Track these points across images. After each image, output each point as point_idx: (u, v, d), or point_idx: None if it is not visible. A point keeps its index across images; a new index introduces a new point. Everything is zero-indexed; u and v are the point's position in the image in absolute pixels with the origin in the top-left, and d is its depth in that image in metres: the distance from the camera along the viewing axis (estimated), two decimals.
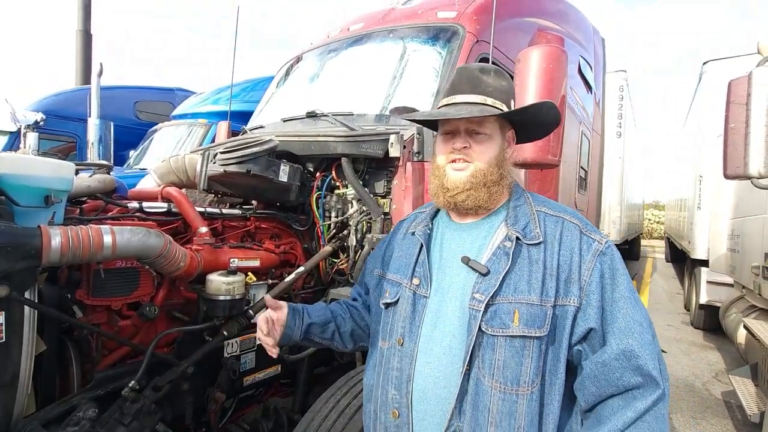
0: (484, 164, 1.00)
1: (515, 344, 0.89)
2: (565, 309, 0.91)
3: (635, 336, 0.86)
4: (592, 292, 0.91)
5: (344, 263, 2.12)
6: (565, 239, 0.96)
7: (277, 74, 3.21)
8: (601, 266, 0.93)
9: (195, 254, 1.62)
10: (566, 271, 0.93)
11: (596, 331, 0.89)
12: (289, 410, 1.95)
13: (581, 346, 0.91)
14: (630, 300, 0.90)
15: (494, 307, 0.92)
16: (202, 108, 5.63)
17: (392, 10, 2.73)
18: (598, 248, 0.94)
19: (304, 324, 1.15)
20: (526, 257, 0.95)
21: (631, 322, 0.87)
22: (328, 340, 1.20)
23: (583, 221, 1.00)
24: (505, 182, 1.04)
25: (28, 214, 1.23)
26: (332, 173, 2.18)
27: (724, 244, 4.66)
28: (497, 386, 0.89)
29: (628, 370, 0.84)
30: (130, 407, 1.34)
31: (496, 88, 1.03)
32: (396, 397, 0.98)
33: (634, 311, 0.89)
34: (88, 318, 1.47)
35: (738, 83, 2.01)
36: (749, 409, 2.97)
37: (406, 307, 1.03)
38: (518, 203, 1.04)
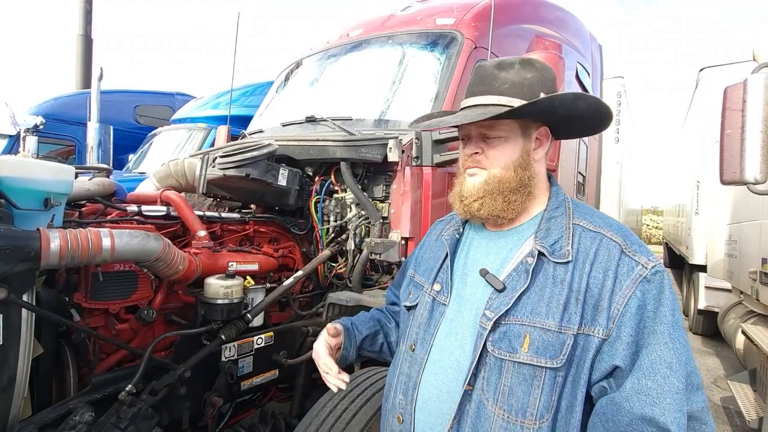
0: (499, 170, 0.92)
1: (524, 372, 0.80)
2: (589, 340, 0.79)
3: (658, 379, 0.73)
4: (625, 324, 0.77)
5: (343, 267, 2.13)
6: (599, 259, 0.83)
7: (276, 79, 3.23)
8: (642, 295, 0.78)
9: (193, 258, 1.62)
10: (595, 296, 0.80)
11: (623, 370, 0.76)
12: (286, 415, 1.94)
13: (606, 383, 0.79)
14: (665, 336, 0.75)
15: (504, 328, 0.83)
16: (201, 112, 5.65)
17: (391, 17, 2.75)
18: (641, 273, 0.80)
19: (357, 341, 1.11)
20: (550, 276, 0.84)
21: (657, 362, 0.73)
22: (377, 352, 1.16)
23: (629, 239, 0.85)
24: (530, 189, 0.93)
25: (27, 216, 1.23)
26: (331, 177, 2.19)
27: (722, 249, 4.67)
28: (501, 413, 0.81)
29: (638, 417, 0.72)
30: (127, 411, 1.34)
31: (515, 83, 0.92)
32: (402, 403, 0.95)
33: (664, 350, 0.74)
34: (85, 321, 1.47)
35: (734, 90, 2.03)
36: (748, 415, 2.96)
37: (423, 312, 0.99)
38: (554, 214, 0.92)
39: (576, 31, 3.62)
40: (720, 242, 4.76)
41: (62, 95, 6.50)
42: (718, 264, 4.91)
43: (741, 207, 4.05)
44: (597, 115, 0.95)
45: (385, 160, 1.96)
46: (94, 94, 3.79)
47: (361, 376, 1.67)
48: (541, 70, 0.94)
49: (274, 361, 1.92)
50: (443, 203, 2.08)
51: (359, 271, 1.99)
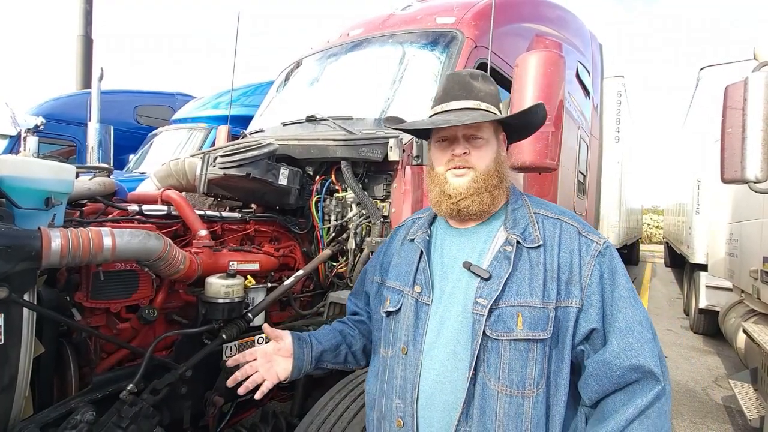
0: (484, 168, 1.01)
1: (519, 347, 0.89)
2: (567, 311, 0.92)
3: (635, 335, 0.88)
4: (593, 293, 0.92)
5: (343, 267, 2.13)
6: (564, 241, 0.96)
7: (277, 79, 3.23)
8: (600, 267, 0.94)
9: (194, 257, 1.62)
10: (567, 273, 0.93)
11: (598, 331, 0.90)
12: (287, 414, 1.94)
13: (584, 346, 0.93)
14: (629, 300, 0.91)
15: (498, 312, 0.92)
16: (202, 112, 5.65)
17: (391, 16, 2.75)
18: (597, 249, 0.95)
19: (314, 352, 1.11)
20: (527, 260, 0.95)
21: (632, 321, 0.89)
22: (341, 363, 1.17)
23: (581, 223, 1.01)
24: (504, 185, 1.04)
25: (28, 216, 1.23)
26: (332, 177, 2.19)
27: (723, 248, 4.66)
28: (503, 389, 0.89)
29: (628, 368, 0.86)
30: (128, 410, 1.33)
31: (487, 93, 1.04)
32: (400, 406, 0.97)
33: (633, 310, 0.90)
34: (86, 320, 1.47)
35: (735, 88, 2.03)
36: (749, 414, 2.96)
37: (409, 315, 1.01)
38: (516, 206, 1.04)
39: (576, 30, 3.62)
40: (721, 241, 4.76)
41: (63, 95, 6.51)
42: (718, 263, 4.90)
43: (742, 206, 4.05)
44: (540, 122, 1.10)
45: (385, 160, 1.96)
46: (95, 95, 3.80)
47: (361, 375, 1.67)
48: (495, 85, 1.09)
49: None
50: None
51: (360, 270, 1.99)
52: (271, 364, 1.09)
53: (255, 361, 1.08)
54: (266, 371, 1.07)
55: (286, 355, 1.09)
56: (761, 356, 3.16)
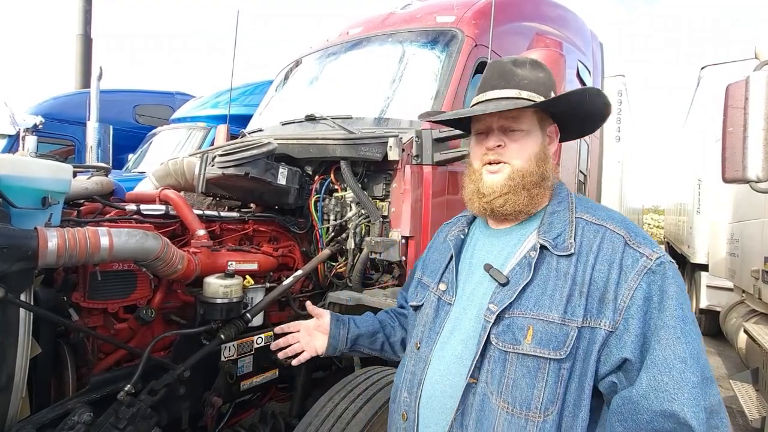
0: (522, 164, 0.92)
1: (527, 364, 0.80)
2: (594, 332, 0.79)
3: (673, 374, 0.71)
4: (632, 316, 0.77)
5: (343, 266, 2.12)
6: (603, 252, 0.83)
7: (276, 78, 3.22)
8: (648, 286, 0.78)
9: (192, 257, 1.61)
10: (600, 289, 0.80)
11: (632, 363, 0.76)
12: (286, 415, 1.93)
13: (615, 377, 0.78)
14: (676, 330, 0.74)
15: (508, 321, 0.84)
16: (201, 111, 5.64)
17: (391, 15, 2.74)
18: (646, 265, 0.79)
19: (350, 334, 1.16)
20: (554, 269, 0.84)
21: (672, 357, 0.72)
22: (378, 350, 1.20)
23: (632, 231, 0.85)
24: (547, 183, 0.94)
25: (24, 215, 1.22)
26: (331, 176, 2.18)
27: (724, 248, 4.65)
28: (505, 406, 0.81)
29: (658, 414, 0.71)
30: (126, 411, 1.33)
31: (532, 80, 0.93)
32: (407, 400, 0.97)
33: (678, 344, 0.73)
34: (84, 321, 1.46)
35: (736, 87, 2.02)
36: (750, 414, 2.95)
37: (429, 311, 1.00)
38: (558, 208, 0.93)
39: (577, 29, 3.61)
40: (722, 241, 4.75)
41: (61, 95, 6.50)
42: (719, 263, 4.89)
43: (743, 205, 4.04)
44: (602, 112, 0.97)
45: (385, 159, 1.95)
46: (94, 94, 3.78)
47: (361, 375, 1.66)
48: (548, 72, 0.97)
49: (273, 360, 1.91)
50: (443, 202, 2.07)
51: (359, 270, 1.99)
52: (311, 338, 1.18)
53: (297, 333, 1.19)
54: (306, 343, 1.17)
55: (325, 333, 1.16)
56: (762, 356, 3.16)
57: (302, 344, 1.18)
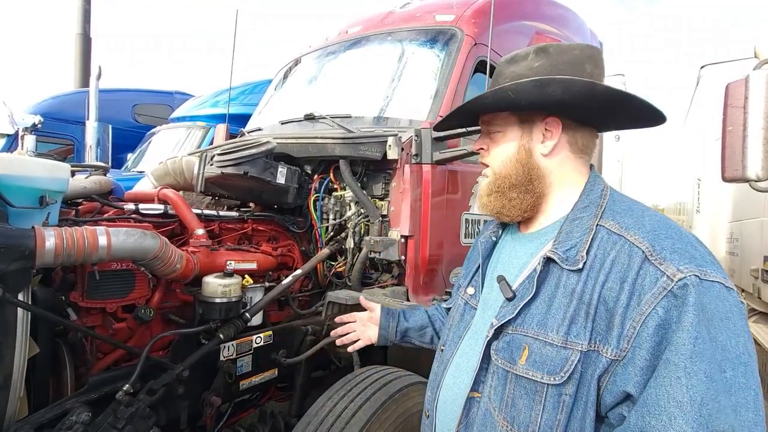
0: (497, 166, 0.89)
1: (524, 385, 0.75)
2: (598, 358, 0.69)
3: (662, 418, 0.61)
4: (641, 346, 0.65)
5: (342, 266, 2.11)
6: (617, 267, 0.71)
7: (275, 77, 3.22)
8: (665, 313, 0.64)
9: (191, 256, 1.60)
10: (608, 311, 0.70)
11: (635, 399, 0.66)
12: (285, 414, 1.93)
13: (623, 410, 0.68)
14: (678, 368, 0.61)
15: (509, 337, 0.79)
16: (200, 111, 5.63)
17: (390, 14, 2.73)
18: (665, 286, 0.65)
19: (400, 327, 1.24)
20: (561, 286, 0.76)
21: (665, 399, 0.61)
22: (427, 343, 1.25)
23: (659, 243, 0.70)
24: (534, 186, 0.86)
25: (22, 214, 1.22)
26: (330, 175, 2.17)
27: (723, 247, 4.66)
28: (505, 425, 0.76)
29: None
30: (124, 411, 1.32)
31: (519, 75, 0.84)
32: (429, 399, 0.98)
33: (675, 385, 0.61)
34: (82, 320, 1.45)
35: (736, 86, 2.01)
36: None
37: (455, 315, 1.00)
38: (581, 214, 0.81)
39: (577, 29, 3.60)
40: (721, 240, 4.76)
41: (61, 94, 6.49)
42: None
43: (742, 204, 4.04)
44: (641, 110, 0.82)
45: (384, 158, 1.94)
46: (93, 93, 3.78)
47: (360, 375, 1.66)
48: (554, 55, 0.84)
49: (273, 360, 1.90)
50: (443, 201, 2.07)
51: (359, 269, 1.98)
52: (365, 328, 1.28)
53: (353, 323, 1.31)
54: (361, 332, 1.29)
55: (376, 324, 1.26)
56: (762, 356, 3.16)
57: (357, 333, 1.29)
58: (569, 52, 0.85)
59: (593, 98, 0.79)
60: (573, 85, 0.77)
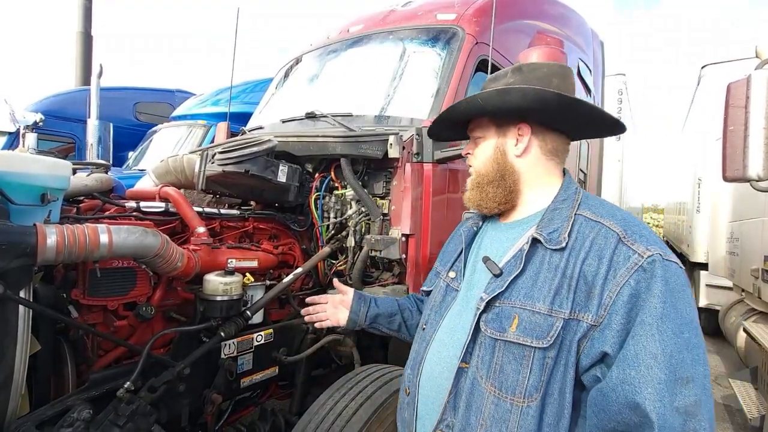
0: (479, 165, 1.05)
1: (513, 351, 0.84)
2: (578, 324, 0.81)
3: (641, 369, 0.73)
4: (616, 312, 0.78)
5: (343, 264, 2.11)
6: (595, 247, 0.84)
7: (276, 75, 3.21)
8: (636, 284, 0.78)
9: (192, 254, 1.60)
10: (589, 283, 0.81)
11: (611, 358, 0.77)
12: (286, 412, 1.93)
13: (598, 371, 0.80)
14: (651, 327, 0.74)
15: (498, 309, 0.89)
16: (201, 109, 5.63)
17: (392, 12, 2.73)
18: (636, 262, 0.79)
19: (370, 312, 1.29)
20: (546, 263, 0.87)
21: (642, 353, 0.74)
22: (395, 331, 1.31)
23: (630, 228, 0.84)
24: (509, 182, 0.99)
25: (23, 212, 1.22)
26: (331, 174, 2.17)
27: (724, 247, 4.65)
28: (492, 390, 0.86)
29: (624, 406, 0.74)
30: (125, 408, 1.32)
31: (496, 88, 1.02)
32: (410, 376, 1.04)
33: (651, 341, 0.74)
34: (83, 318, 1.46)
35: (737, 86, 2.01)
36: (749, 413, 2.95)
37: (437, 296, 1.09)
38: (560, 205, 0.95)
39: (578, 28, 3.60)
40: (721, 240, 4.75)
41: (62, 92, 6.49)
42: (719, 262, 4.89)
43: (743, 204, 4.04)
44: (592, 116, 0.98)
45: (385, 157, 1.94)
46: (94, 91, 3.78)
47: (361, 373, 1.66)
48: (526, 73, 0.99)
49: (273, 358, 1.91)
50: (444, 200, 2.07)
51: (359, 268, 1.98)
52: (336, 311, 1.32)
53: (325, 304, 1.35)
54: (331, 314, 1.32)
55: (347, 307, 1.30)
56: (761, 355, 3.16)
57: (328, 314, 1.33)
58: (539, 69, 1.00)
59: (547, 103, 0.92)
60: (528, 92, 0.91)
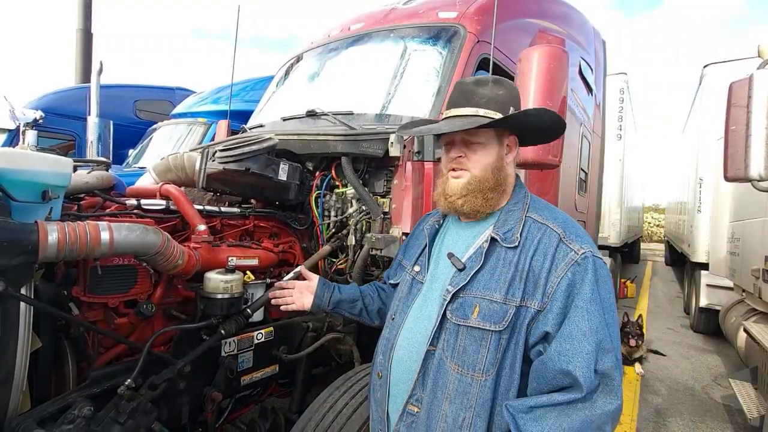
0: (479, 172, 1.09)
1: (474, 334, 1.00)
2: (527, 310, 0.98)
3: (574, 342, 0.91)
4: (557, 299, 0.95)
5: (343, 263, 2.11)
6: (541, 246, 1.01)
7: (277, 73, 3.21)
8: (572, 276, 0.96)
9: (193, 252, 1.61)
10: (536, 276, 0.98)
11: (551, 336, 0.95)
12: (286, 410, 1.94)
13: (541, 347, 0.97)
14: (583, 310, 0.93)
15: (461, 299, 1.03)
16: (201, 107, 5.62)
17: (393, 10, 2.72)
18: (573, 258, 0.98)
19: (333, 297, 1.38)
20: (501, 258, 1.03)
21: (575, 330, 0.92)
22: (356, 315, 1.40)
23: (568, 230, 1.03)
24: (503, 188, 1.11)
25: (24, 209, 1.22)
26: (332, 172, 2.17)
27: (724, 247, 4.65)
28: (456, 368, 1.00)
29: (559, 372, 0.91)
30: (126, 406, 1.33)
31: (491, 98, 1.08)
32: (381, 361, 1.16)
33: (582, 321, 0.92)
34: (84, 315, 1.46)
35: (739, 86, 2.01)
36: (749, 413, 2.96)
37: (404, 288, 1.20)
38: (513, 208, 1.10)
39: (580, 27, 3.59)
40: (722, 240, 4.75)
41: (62, 89, 6.48)
42: (720, 262, 4.89)
43: (744, 204, 4.03)
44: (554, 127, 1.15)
45: (386, 155, 1.94)
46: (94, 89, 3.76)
47: (361, 372, 1.66)
48: (509, 89, 1.12)
49: (274, 356, 1.91)
50: None
51: (360, 266, 1.98)
52: (302, 296, 1.40)
53: (292, 289, 1.42)
54: (297, 299, 1.40)
55: (312, 293, 1.39)
56: (762, 355, 3.16)
57: (294, 299, 1.40)
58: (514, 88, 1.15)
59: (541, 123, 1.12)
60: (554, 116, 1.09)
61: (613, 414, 0.89)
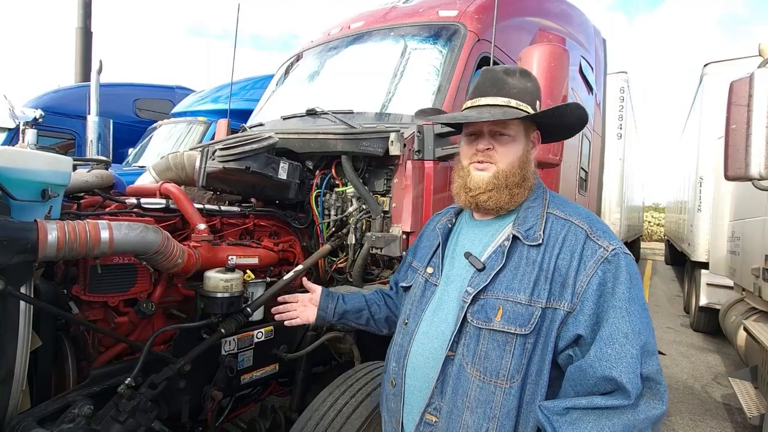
0: (507, 166, 1.02)
1: (497, 338, 0.93)
2: (555, 312, 0.91)
3: (615, 346, 0.84)
4: (588, 299, 0.89)
5: (343, 262, 2.11)
6: (567, 243, 0.94)
7: (277, 72, 3.20)
8: (603, 274, 0.90)
9: (193, 251, 1.60)
10: (563, 275, 0.92)
11: (585, 339, 0.88)
12: (286, 409, 1.94)
13: (572, 350, 0.90)
14: (623, 310, 0.86)
15: (482, 301, 0.96)
16: (201, 106, 5.62)
17: (393, 9, 2.72)
18: (602, 255, 0.91)
19: (338, 308, 1.32)
20: (524, 257, 0.96)
21: (616, 332, 0.85)
22: (363, 325, 1.35)
23: (594, 226, 0.96)
24: (527, 184, 1.04)
25: (24, 208, 1.22)
26: (332, 171, 2.17)
27: (724, 246, 4.65)
28: (477, 375, 0.93)
29: (601, 379, 0.83)
30: (126, 404, 1.33)
31: (520, 89, 1.03)
32: (395, 369, 1.09)
33: (623, 322, 0.85)
34: (84, 314, 1.46)
35: (740, 84, 2.00)
36: (749, 412, 2.96)
37: (417, 291, 1.13)
38: (533, 204, 1.04)
39: (580, 25, 3.59)
40: (722, 239, 4.74)
41: (61, 88, 6.47)
42: (720, 261, 4.89)
43: (744, 203, 4.03)
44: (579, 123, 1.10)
45: (386, 154, 1.94)
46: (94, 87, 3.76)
47: (361, 371, 1.66)
48: (535, 81, 1.08)
49: (274, 355, 1.91)
50: (445, 197, 2.07)
51: (360, 265, 1.98)
52: (305, 309, 1.35)
53: (295, 303, 1.38)
54: (300, 312, 1.35)
55: (316, 305, 1.34)
56: (761, 354, 3.16)
57: (297, 312, 1.35)
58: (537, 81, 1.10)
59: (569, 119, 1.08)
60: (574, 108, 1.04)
61: (658, 419, 0.83)
